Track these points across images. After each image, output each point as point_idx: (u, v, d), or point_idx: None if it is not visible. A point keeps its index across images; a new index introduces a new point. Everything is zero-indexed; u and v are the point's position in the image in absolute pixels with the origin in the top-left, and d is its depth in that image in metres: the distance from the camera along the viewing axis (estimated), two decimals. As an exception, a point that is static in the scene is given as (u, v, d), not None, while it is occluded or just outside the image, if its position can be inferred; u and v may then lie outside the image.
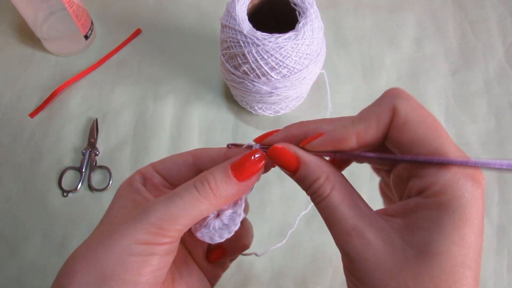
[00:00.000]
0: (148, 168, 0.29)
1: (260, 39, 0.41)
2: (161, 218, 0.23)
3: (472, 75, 0.58)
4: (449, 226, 0.20)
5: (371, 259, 0.21)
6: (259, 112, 0.53)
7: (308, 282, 0.46)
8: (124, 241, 0.22)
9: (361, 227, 0.22)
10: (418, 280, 0.20)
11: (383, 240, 0.21)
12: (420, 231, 0.20)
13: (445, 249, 0.20)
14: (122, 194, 0.27)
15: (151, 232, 0.23)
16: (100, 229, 0.25)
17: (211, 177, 0.24)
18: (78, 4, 0.55)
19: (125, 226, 0.23)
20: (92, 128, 0.54)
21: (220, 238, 0.26)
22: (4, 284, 0.46)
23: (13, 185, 0.51)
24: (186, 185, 0.24)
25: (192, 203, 0.23)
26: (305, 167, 0.24)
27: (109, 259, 0.22)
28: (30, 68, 0.59)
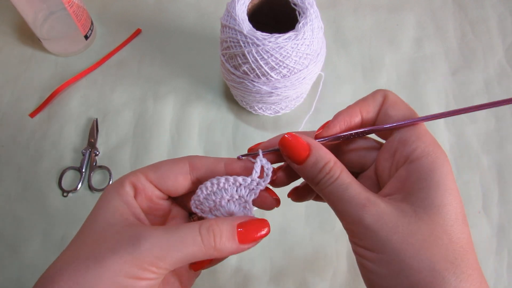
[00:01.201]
0: (139, 177, 0.27)
1: (260, 39, 0.41)
2: (155, 255, 0.22)
3: (472, 75, 0.58)
4: (442, 181, 0.23)
5: (389, 224, 0.23)
6: (259, 112, 0.53)
7: (308, 282, 0.46)
8: (113, 273, 0.22)
9: (374, 199, 0.24)
10: (434, 234, 0.22)
11: (394, 208, 0.23)
12: (420, 192, 0.23)
13: (447, 201, 0.23)
14: (110, 204, 0.26)
15: (141, 267, 0.22)
16: (85, 245, 0.24)
17: (218, 231, 0.24)
18: (78, 4, 0.55)
19: (116, 256, 0.22)
20: (92, 128, 0.54)
21: None
22: (4, 284, 0.46)
23: (13, 185, 0.51)
24: (190, 228, 0.24)
25: (191, 248, 0.23)
26: (316, 152, 0.26)
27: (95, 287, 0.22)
28: (30, 68, 0.59)
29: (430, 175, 0.23)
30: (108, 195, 0.26)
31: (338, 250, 0.47)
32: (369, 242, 0.23)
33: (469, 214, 0.49)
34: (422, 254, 0.22)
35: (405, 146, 0.25)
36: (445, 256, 0.22)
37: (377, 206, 0.23)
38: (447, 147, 0.53)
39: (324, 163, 0.25)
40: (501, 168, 0.52)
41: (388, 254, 0.22)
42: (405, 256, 0.22)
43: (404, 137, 0.25)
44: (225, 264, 0.47)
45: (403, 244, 0.22)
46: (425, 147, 0.24)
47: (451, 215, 0.23)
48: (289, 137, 0.26)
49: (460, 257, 0.22)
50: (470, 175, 0.52)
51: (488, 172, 0.52)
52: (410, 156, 0.25)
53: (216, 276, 0.46)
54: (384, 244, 0.23)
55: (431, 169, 0.24)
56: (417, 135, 0.25)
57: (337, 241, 0.48)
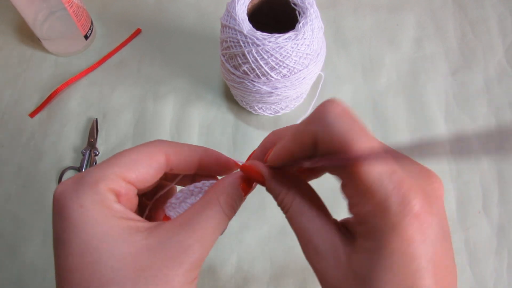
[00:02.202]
0: (119, 182, 0.23)
1: (260, 39, 0.41)
2: (200, 258, 0.22)
3: (472, 75, 0.58)
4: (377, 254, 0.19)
5: (322, 272, 0.22)
6: (259, 112, 0.53)
7: (308, 282, 0.46)
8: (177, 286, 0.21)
9: (315, 241, 0.22)
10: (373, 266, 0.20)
11: (332, 257, 0.21)
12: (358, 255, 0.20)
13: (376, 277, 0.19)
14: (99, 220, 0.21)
15: (193, 269, 0.22)
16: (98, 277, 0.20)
17: (233, 202, 0.25)
18: (78, 4, 0.55)
19: (172, 271, 0.21)
20: (92, 128, 0.54)
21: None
22: (4, 284, 0.46)
23: (13, 185, 0.51)
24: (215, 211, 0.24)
25: (221, 230, 0.24)
26: (268, 183, 0.25)
27: None
28: (30, 68, 0.59)
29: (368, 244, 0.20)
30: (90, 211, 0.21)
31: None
32: None
33: (469, 214, 0.49)
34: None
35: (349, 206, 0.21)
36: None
37: (315, 251, 0.22)
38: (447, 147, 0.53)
39: (276, 194, 0.25)
40: (501, 168, 0.52)
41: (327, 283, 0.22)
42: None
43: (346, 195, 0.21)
44: (225, 264, 0.47)
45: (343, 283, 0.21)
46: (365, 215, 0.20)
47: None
48: (244, 167, 0.27)
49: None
50: (470, 175, 0.52)
51: (488, 172, 0.52)
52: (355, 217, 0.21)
53: (216, 276, 0.46)
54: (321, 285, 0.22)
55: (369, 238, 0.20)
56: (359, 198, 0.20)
57: (337, 241, 0.48)
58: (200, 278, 0.46)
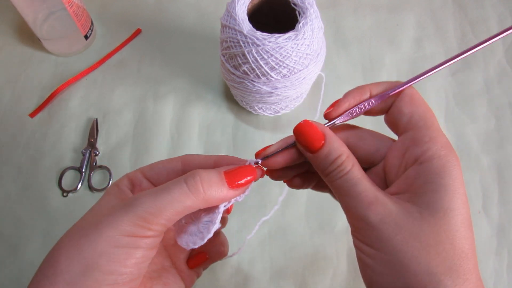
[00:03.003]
0: (137, 173, 0.29)
1: (260, 39, 0.41)
2: (147, 210, 0.23)
3: (472, 75, 0.58)
4: (450, 185, 0.23)
5: (393, 224, 0.23)
6: (259, 112, 0.53)
7: (308, 282, 0.46)
8: (110, 232, 0.23)
9: (382, 197, 0.24)
10: (436, 238, 0.22)
11: (401, 208, 0.23)
12: (428, 194, 0.23)
13: (454, 205, 0.23)
14: (109, 193, 0.28)
15: (136, 224, 0.23)
16: (85, 220, 0.25)
17: (204, 175, 0.25)
18: (78, 4, 0.55)
19: (111, 217, 0.23)
20: (92, 128, 0.54)
21: (193, 245, 0.27)
22: (4, 284, 0.46)
23: (13, 185, 0.51)
24: (176, 180, 0.25)
25: (179, 198, 0.24)
26: (330, 143, 0.25)
27: (94, 250, 0.22)
28: (30, 68, 0.59)
29: (439, 178, 0.23)
30: (108, 189, 0.29)
31: (338, 250, 0.47)
32: (371, 240, 0.23)
33: (469, 214, 0.49)
34: (421, 257, 0.22)
35: (417, 146, 0.25)
36: (444, 261, 0.22)
37: (384, 205, 0.23)
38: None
39: (337, 155, 0.25)
40: (501, 168, 0.52)
41: (389, 253, 0.23)
42: (405, 257, 0.22)
43: (417, 136, 0.25)
44: (225, 264, 0.47)
45: (404, 246, 0.22)
46: (437, 149, 0.24)
47: (457, 220, 0.23)
48: (305, 124, 0.26)
49: (459, 262, 0.22)
50: (470, 175, 0.52)
51: (488, 172, 0.52)
52: (420, 157, 0.24)
53: (216, 276, 0.46)
54: (386, 243, 0.23)
55: (441, 172, 0.23)
56: (430, 136, 0.24)
57: (337, 241, 0.48)
58: (201, 278, 0.46)
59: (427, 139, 0.24)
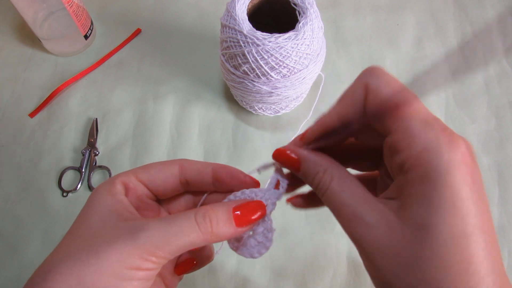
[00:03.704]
0: (130, 177, 0.27)
1: (260, 39, 0.41)
2: (155, 243, 0.22)
3: (472, 75, 0.58)
4: (436, 197, 0.19)
5: (373, 242, 0.21)
6: (259, 112, 0.53)
7: (308, 282, 0.46)
8: (114, 263, 0.22)
9: (361, 212, 0.22)
10: (421, 257, 0.20)
11: (382, 223, 0.21)
12: (412, 208, 0.20)
13: (439, 221, 0.19)
14: (101, 203, 0.25)
15: (141, 257, 0.22)
16: (81, 240, 0.23)
17: (214, 216, 0.24)
18: (78, 4, 0.55)
19: (117, 247, 0.22)
20: (92, 128, 0.54)
21: (259, 254, 0.27)
22: (4, 284, 0.46)
23: (13, 185, 0.51)
24: (186, 215, 0.24)
25: (188, 234, 0.23)
26: (305, 163, 0.25)
27: (96, 282, 0.21)
28: (30, 68, 0.59)
29: (421, 190, 0.20)
30: (99, 194, 0.26)
31: (338, 250, 0.47)
32: (363, 255, 0.22)
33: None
34: (404, 277, 0.20)
35: (396, 155, 0.21)
36: (430, 282, 0.19)
37: (363, 222, 0.22)
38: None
39: (313, 174, 0.25)
40: (501, 168, 0.52)
41: (375, 269, 0.22)
42: (390, 275, 0.21)
43: (393, 142, 0.22)
44: (225, 264, 0.47)
45: (387, 264, 0.21)
46: (417, 155, 0.20)
47: (444, 235, 0.19)
48: (277, 152, 0.26)
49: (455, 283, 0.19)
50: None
51: (488, 172, 0.52)
52: (403, 167, 0.21)
53: (216, 276, 0.46)
54: (370, 259, 0.22)
55: (423, 182, 0.20)
56: (408, 140, 0.21)
57: (337, 241, 0.48)
58: (201, 278, 0.46)
59: (404, 144, 0.21)
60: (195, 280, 0.46)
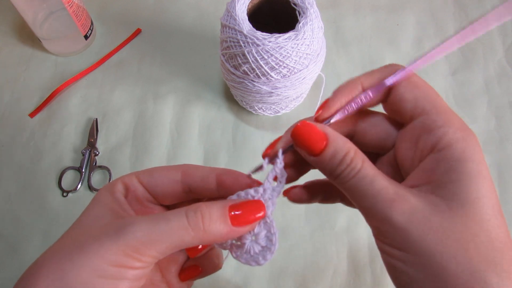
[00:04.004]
0: (132, 179, 0.26)
1: (260, 39, 0.41)
2: (140, 240, 0.21)
3: (472, 75, 0.58)
4: (474, 171, 0.21)
5: (421, 222, 0.20)
6: (259, 112, 0.53)
7: (308, 282, 0.46)
8: (96, 260, 0.20)
9: (403, 193, 0.21)
10: (471, 231, 0.20)
11: (426, 203, 0.21)
12: (453, 183, 0.21)
13: (482, 193, 0.21)
14: (100, 201, 0.25)
15: (125, 254, 0.21)
16: (71, 238, 0.23)
17: (206, 210, 0.22)
18: (78, 4, 0.55)
19: (99, 243, 0.21)
20: (92, 128, 0.54)
21: (264, 260, 0.25)
22: (4, 284, 0.46)
23: (13, 185, 0.51)
24: (176, 211, 0.22)
25: (177, 232, 0.22)
26: (334, 141, 0.23)
27: (77, 278, 0.20)
28: (30, 68, 0.59)
29: (462, 165, 0.21)
30: (100, 193, 0.26)
31: (338, 250, 0.47)
32: (399, 242, 0.21)
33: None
34: (460, 255, 0.20)
35: (431, 133, 0.22)
36: (485, 256, 0.20)
37: (408, 202, 0.21)
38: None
39: (344, 153, 0.22)
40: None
41: (422, 255, 0.20)
42: (442, 258, 0.20)
43: (428, 122, 0.22)
44: (225, 264, 0.46)
45: (439, 246, 0.20)
46: (453, 133, 0.22)
47: (488, 208, 0.20)
48: (302, 126, 0.23)
49: (500, 254, 0.20)
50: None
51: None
52: (437, 144, 0.22)
53: (216, 276, 0.46)
54: (417, 245, 0.20)
55: (462, 158, 0.21)
56: (443, 119, 0.22)
57: (337, 241, 0.48)
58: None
59: (441, 123, 0.22)
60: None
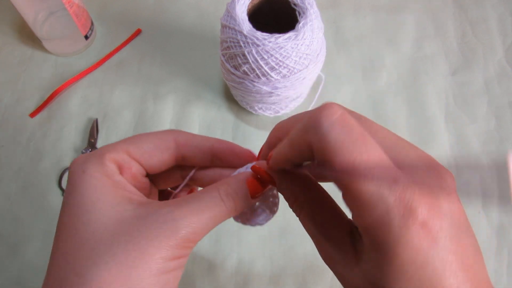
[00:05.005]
0: (121, 154, 0.24)
1: (260, 39, 0.41)
2: (195, 232, 0.22)
3: (472, 75, 0.58)
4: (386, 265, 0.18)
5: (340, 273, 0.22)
6: (259, 112, 0.53)
7: (308, 282, 0.46)
8: (160, 260, 0.21)
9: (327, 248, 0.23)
10: None
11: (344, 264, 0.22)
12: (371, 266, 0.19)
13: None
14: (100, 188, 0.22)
15: (181, 247, 0.22)
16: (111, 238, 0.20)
17: (234, 194, 0.24)
18: (78, 4, 0.55)
19: (159, 245, 0.21)
20: (92, 128, 0.54)
21: (265, 221, 0.29)
22: (4, 284, 0.46)
23: (13, 185, 0.51)
24: (212, 197, 0.23)
25: (219, 216, 0.23)
26: (278, 187, 0.25)
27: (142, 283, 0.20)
28: (30, 68, 0.59)
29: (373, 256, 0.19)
30: (90, 176, 0.22)
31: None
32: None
33: (469, 214, 0.49)
34: None
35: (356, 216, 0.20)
36: None
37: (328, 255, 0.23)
38: (447, 147, 0.53)
39: (286, 199, 0.25)
40: (501, 168, 0.52)
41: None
42: None
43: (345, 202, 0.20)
44: (225, 264, 0.47)
45: None
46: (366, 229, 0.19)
47: None
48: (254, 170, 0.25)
49: None
50: (470, 175, 0.52)
51: (488, 172, 0.52)
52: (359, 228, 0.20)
53: (216, 276, 0.46)
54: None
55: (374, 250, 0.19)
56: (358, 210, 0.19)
57: (337, 241, 0.48)
58: (200, 278, 0.46)
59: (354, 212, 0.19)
60: (194, 280, 0.46)
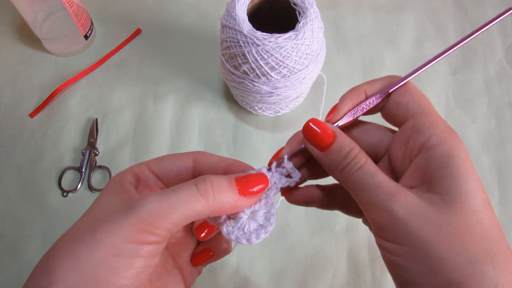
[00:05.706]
0: (143, 168, 0.27)
1: (260, 39, 0.41)
2: (152, 212, 0.21)
3: (472, 75, 0.58)
4: (463, 167, 0.22)
5: (420, 215, 0.22)
6: (259, 112, 0.53)
7: (308, 282, 0.46)
8: (111, 239, 0.21)
9: (403, 188, 0.23)
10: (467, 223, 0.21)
11: (422, 198, 0.22)
12: (445, 179, 0.22)
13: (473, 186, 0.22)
14: (110, 191, 0.25)
15: (139, 229, 0.21)
16: (83, 223, 0.23)
17: (214, 179, 0.23)
18: (78, 4, 0.55)
19: (111, 221, 0.21)
20: (92, 128, 0.54)
21: (257, 239, 0.25)
22: (4, 284, 0.46)
23: (13, 185, 0.51)
24: (185, 183, 0.23)
25: (188, 201, 0.22)
26: (341, 139, 0.25)
27: (92, 260, 0.21)
28: (30, 68, 0.59)
29: (451, 162, 0.22)
30: (109, 184, 0.26)
31: (338, 250, 0.47)
32: (398, 235, 0.22)
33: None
34: (457, 246, 0.21)
35: (419, 134, 0.24)
36: (481, 247, 0.21)
37: (408, 196, 0.22)
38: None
39: (349, 149, 0.24)
40: (501, 168, 0.52)
41: (420, 248, 0.21)
42: (440, 249, 0.21)
43: (417, 124, 0.24)
44: (225, 264, 0.47)
45: (437, 237, 0.21)
46: (440, 133, 0.23)
47: (479, 201, 0.22)
48: (313, 122, 0.26)
49: (495, 245, 0.21)
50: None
51: (488, 172, 0.52)
52: (425, 144, 0.23)
53: (216, 276, 0.46)
54: (416, 237, 0.21)
55: (450, 155, 0.23)
56: (431, 122, 0.24)
57: (337, 241, 0.48)
58: (201, 277, 0.46)
59: (428, 125, 0.24)
60: (195, 280, 0.46)
